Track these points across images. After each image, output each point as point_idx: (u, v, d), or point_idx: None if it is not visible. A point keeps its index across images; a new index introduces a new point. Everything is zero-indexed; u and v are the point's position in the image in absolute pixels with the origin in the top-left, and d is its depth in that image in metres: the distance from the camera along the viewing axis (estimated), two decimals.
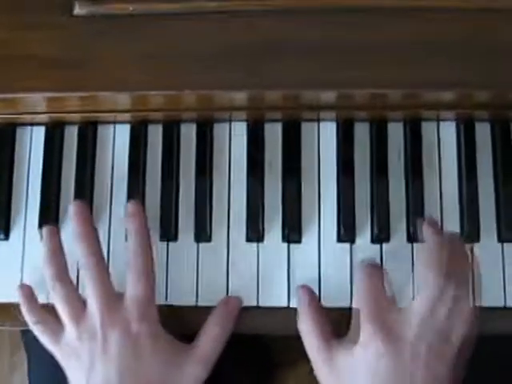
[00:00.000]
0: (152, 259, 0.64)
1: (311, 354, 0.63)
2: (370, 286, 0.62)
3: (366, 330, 0.60)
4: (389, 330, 0.59)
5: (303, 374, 1.11)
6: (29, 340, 0.84)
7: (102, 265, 0.64)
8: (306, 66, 0.63)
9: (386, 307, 0.60)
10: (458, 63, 0.63)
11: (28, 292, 0.66)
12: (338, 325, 0.64)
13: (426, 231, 0.64)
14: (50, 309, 0.65)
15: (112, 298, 0.63)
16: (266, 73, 0.63)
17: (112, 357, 0.61)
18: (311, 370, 0.74)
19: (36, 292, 0.66)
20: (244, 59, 0.62)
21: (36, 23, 0.62)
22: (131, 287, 0.63)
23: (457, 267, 0.60)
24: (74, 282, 0.66)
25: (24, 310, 0.66)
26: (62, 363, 0.64)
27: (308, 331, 0.63)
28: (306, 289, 0.66)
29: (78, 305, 0.64)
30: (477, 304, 0.64)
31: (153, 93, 0.62)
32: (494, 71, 0.63)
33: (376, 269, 0.63)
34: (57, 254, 0.65)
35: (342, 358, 0.61)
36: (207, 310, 0.66)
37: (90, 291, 0.63)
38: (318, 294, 0.67)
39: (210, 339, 0.65)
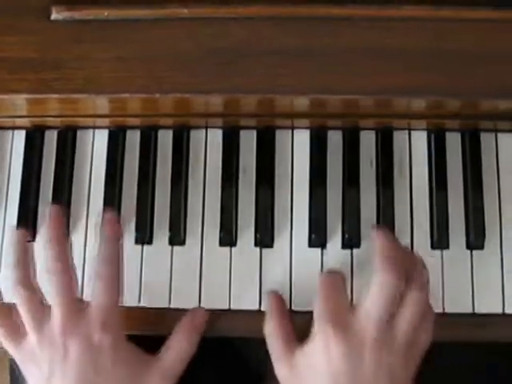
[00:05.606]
0: (120, 269, 0.64)
1: (274, 355, 0.63)
2: (327, 291, 0.62)
3: (320, 330, 0.60)
4: (343, 328, 0.58)
5: None
6: (14, 362, 0.84)
7: (68, 272, 0.63)
8: (278, 72, 0.64)
9: (342, 310, 0.60)
10: (428, 71, 0.64)
11: None
12: (308, 329, 0.64)
13: (380, 236, 0.63)
14: (16, 312, 0.63)
15: (75, 307, 0.62)
16: (238, 78, 0.64)
17: (71, 367, 0.60)
18: None
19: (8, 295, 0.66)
20: (216, 64, 0.64)
21: (14, 27, 0.64)
22: (97, 296, 0.62)
23: (413, 270, 0.61)
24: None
25: None
26: (21, 368, 0.63)
27: (272, 334, 0.64)
28: (274, 294, 0.67)
29: (41, 312, 0.62)
30: (439, 310, 0.65)
31: (126, 95, 0.64)
32: (463, 80, 0.64)
33: (334, 274, 0.63)
34: (24, 258, 0.64)
35: (301, 360, 0.61)
36: (180, 312, 0.67)
37: (52, 298, 0.62)
38: (288, 298, 0.68)
39: (176, 354, 0.64)
